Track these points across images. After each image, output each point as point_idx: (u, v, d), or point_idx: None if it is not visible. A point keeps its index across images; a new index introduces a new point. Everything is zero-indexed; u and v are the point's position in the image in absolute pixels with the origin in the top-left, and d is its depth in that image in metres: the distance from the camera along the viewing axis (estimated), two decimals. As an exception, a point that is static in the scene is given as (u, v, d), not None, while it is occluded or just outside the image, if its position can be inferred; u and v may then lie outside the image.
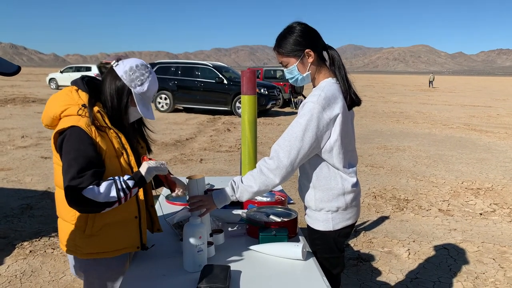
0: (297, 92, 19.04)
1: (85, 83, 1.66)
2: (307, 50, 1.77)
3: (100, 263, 1.71)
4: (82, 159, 1.50)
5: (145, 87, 1.63)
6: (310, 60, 1.79)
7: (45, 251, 3.77)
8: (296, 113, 16.12)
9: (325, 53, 1.85)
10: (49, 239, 4.03)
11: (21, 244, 3.90)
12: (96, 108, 1.60)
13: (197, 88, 14.45)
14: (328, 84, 1.76)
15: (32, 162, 7.17)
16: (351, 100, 1.78)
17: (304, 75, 1.82)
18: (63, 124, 1.55)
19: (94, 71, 25.28)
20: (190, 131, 10.97)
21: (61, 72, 27.37)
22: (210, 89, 14.39)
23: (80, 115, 1.56)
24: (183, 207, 2.23)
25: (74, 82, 1.68)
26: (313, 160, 1.79)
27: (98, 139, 1.56)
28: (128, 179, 1.56)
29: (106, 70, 1.69)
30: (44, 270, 3.46)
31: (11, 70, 1.10)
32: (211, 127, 12.00)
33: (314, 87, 1.87)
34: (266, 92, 14.61)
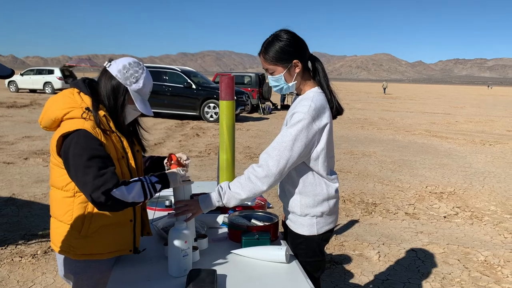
0: (265, 98, 19.21)
1: (87, 86, 1.66)
2: (295, 61, 1.79)
3: (91, 265, 1.70)
4: (98, 158, 1.51)
5: (140, 83, 1.67)
6: (297, 70, 1.81)
7: (12, 260, 3.64)
8: (264, 118, 15.94)
9: (310, 63, 1.89)
10: (15, 247, 3.90)
11: (-14, 253, 3.75)
12: (101, 112, 1.62)
13: (165, 92, 14.33)
14: (316, 94, 1.80)
15: (-7, 168, 6.90)
16: (336, 109, 1.84)
17: (290, 84, 1.84)
18: (67, 127, 1.54)
19: (57, 74, 24.51)
20: (158, 136, 10.84)
21: (22, 74, 26.30)
22: (178, 94, 14.32)
23: (84, 118, 1.56)
24: (167, 212, 2.22)
25: (74, 84, 1.68)
26: (300, 167, 1.83)
27: (103, 141, 1.57)
28: (156, 182, 1.61)
29: (69, 73, 1.70)
30: (12, 279, 3.34)
31: (6, 73, 1.09)
32: (180, 132, 11.90)
33: (297, 95, 1.91)
34: (235, 98, 14.64)
